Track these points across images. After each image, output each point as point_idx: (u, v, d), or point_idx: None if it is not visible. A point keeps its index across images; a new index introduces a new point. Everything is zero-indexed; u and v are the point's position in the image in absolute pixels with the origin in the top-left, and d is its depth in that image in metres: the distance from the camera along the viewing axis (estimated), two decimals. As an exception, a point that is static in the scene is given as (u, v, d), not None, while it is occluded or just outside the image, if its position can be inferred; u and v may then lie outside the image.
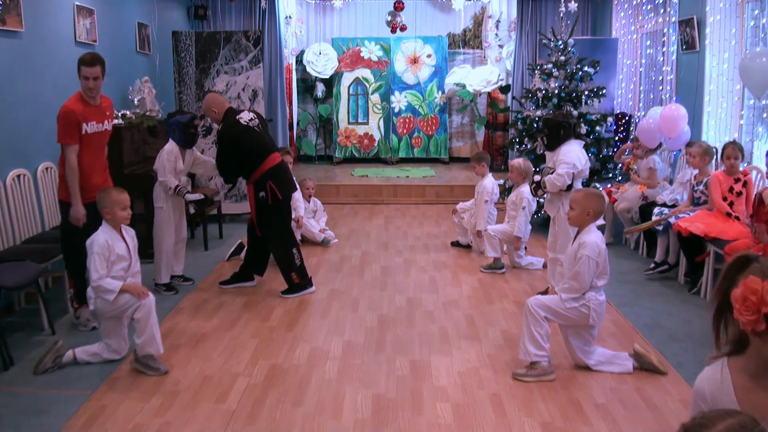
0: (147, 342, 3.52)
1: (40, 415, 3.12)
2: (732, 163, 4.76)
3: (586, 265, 3.36)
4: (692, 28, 6.16)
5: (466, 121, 10.79)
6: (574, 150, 4.37)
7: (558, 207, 4.46)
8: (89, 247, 3.55)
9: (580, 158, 4.38)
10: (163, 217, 4.95)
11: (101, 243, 3.53)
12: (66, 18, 5.65)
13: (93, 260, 3.51)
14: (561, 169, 4.32)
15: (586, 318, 3.43)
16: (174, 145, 4.90)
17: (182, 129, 4.87)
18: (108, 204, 3.59)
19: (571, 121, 4.41)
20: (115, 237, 3.61)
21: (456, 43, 10.80)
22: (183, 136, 4.89)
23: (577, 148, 4.40)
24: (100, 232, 3.60)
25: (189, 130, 4.90)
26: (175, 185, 4.86)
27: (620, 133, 7.74)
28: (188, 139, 4.94)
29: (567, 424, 3.04)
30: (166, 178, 4.85)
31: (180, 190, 4.90)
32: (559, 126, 4.40)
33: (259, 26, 9.28)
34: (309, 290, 4.89)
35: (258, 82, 7.18)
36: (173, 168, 4.88)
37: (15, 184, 4.64)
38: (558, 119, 4.42)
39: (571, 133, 4.42)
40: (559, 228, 4.49)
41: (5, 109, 4.73)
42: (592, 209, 3.47)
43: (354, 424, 3.06)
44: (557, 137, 4.43)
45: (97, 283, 3.49)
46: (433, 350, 3.90)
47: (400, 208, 8.27)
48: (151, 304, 3.54)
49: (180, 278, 5.15)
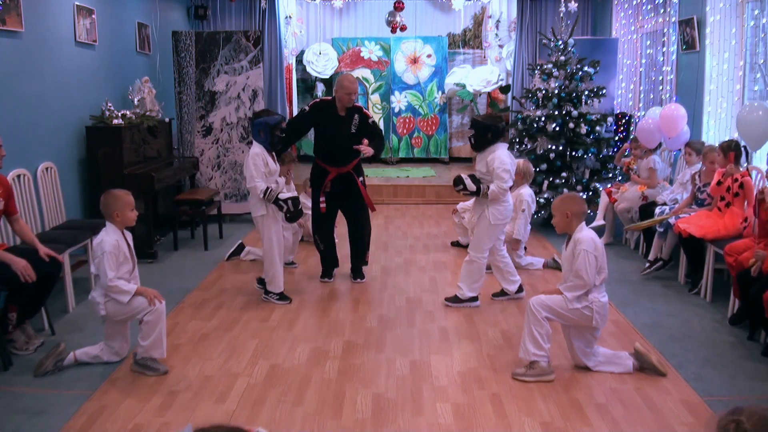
0: (153, 346, 3.50)
1: (40, 415, 3.11)
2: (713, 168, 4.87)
3: (585, 260, 3.37)
4: (692, 28, 6.16)
5: (466, 121, 10.79)
6: (502, 156, 4.43)
7: (483, 209, 4.52)
8: (98, 247, 3.49)
9: (512, 162, 4.50)
10: (268, 224, 4.65)
11: (113, 243, 3.48)
12: (66, 18, 5.65)
13: (105, 260, 3.43)
14: (501, 181, 4.39)
15: (589, 320, 3.43)
16: (260, 147, 4.59)
17: (269, 131, 4.57)
18: (119, 206, 3.55)
19: (500, 126, 4.47)
20: (121, 238, 3.58)
21: (456, 43, 10.80)
22: (269, 138, 4.59)
23: (503, 154, 4.47)
24: (107, 233, 3.54)
25: (275, 133, 4.61)
26: (265, 188, 4.53)
27: (620, 133, 7.74)
28: (274, 141, 4.65)
29: (567, 424, 3.04)
30: (255, 183, 4.51)
31: (270, 193, 4.54)
32: (486, 129, 4.46)
33: (259, 26, 9.28)
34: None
35: (258, 82, 7.18)
36: (263, 171, 4.55)
37: (15, 184, 4.63)
38: (487, 122, 4.48)
39: (498, 137, 4.48)
40: (476, 229, 4.59)
41: (5, 109, 4.73)
42: (569, 211, 3.48)
43: (354, 424, 3.06)
44: (484, 140, 4.49)
45: (113, 283, 3.42)
46: (433, 350, 3.90)
47: (400, 208, 8.26)
48: (162, 309, 3.52)
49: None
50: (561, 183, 6.61)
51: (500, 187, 4.38)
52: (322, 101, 5.11)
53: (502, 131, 4.47)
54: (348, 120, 4.96)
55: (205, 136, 7.20)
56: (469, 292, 4.63)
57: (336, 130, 4.97)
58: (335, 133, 4.97)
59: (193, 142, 7.20)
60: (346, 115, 4.97)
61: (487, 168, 4.43)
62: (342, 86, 4.91)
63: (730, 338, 4.06)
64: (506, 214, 4.54)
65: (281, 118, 4.69)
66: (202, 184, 7.25)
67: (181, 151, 7.21)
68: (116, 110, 5.95)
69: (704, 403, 3.23)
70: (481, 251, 4.56)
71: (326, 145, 5.05)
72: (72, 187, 5.71)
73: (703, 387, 3.41)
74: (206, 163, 7.23)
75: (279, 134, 4.66)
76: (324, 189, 5.04)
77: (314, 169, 5.19)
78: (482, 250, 4.56)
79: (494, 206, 4.46)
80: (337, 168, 5.01)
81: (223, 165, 7.27)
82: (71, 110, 5.71)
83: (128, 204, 3.58)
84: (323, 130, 5.03)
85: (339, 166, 5.01)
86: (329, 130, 4.99)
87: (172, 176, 6.39)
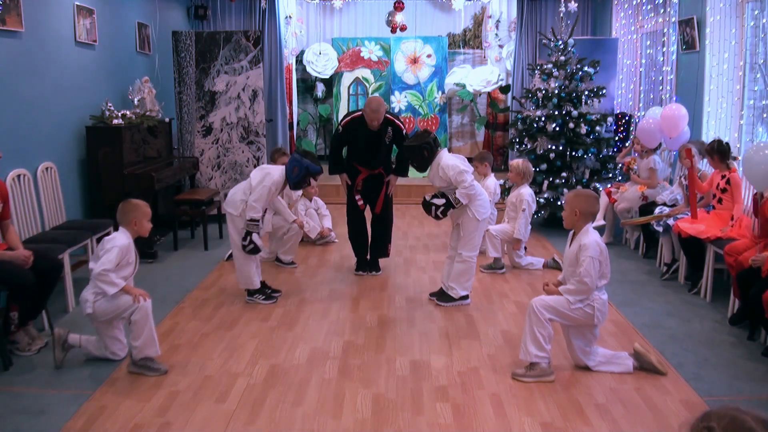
0: (145, 345, 3.51)
1: (40, 415, 3.11)
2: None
3: (591, 266, 3.36)
4: (692, 28, 6.16)
5: (466, 121, 10.79)
6: (448, 162, 4.45)
7: (465, 209, 4.53)
8: (110, 240, 3.55)
9: (461, 160, 4.51)
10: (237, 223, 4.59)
11: (124, 244, 3.55)
12: (66, 18, 5.65)
13: (112, 252, 3.48)
14: (464, 183, 4.41)
15: (591, 318, 3.43)
16: (283, 176, 4.59)
17: (304, 176, 4.57)
18: (138, 215, 3.63)
19: (430, 140, 4.50)
20: (132, 244, 3.64)
21: (456, 43, 10.79)
22: (299, 180, 4.60)
23: (447, 158, 4.49)
24: (122, 234, 3.60)
25: (307, 179, 4.63)
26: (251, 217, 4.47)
27: (620, 133, 7.74)
28: (300, 185, 4.68)
29: (567, 424, 3.04)
30: (255, 207, 4.46)
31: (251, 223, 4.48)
32: (420, 150, 4.50)
33: (259, 26, 9.27)
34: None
35: (258, 82, 7.18)
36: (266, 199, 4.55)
37: (15, 184, 4.64)
38: (416, 144, 4.51)
39: (434, 150, 4.51)
40: (463, 230, 4.60)
41: (5, 109, 4.73)
42: (578, 209, 3.46)
43: (354, 424, 3.06)
44: (424, 160, 4.54)
45: (107, 272, 3.44)
46: (433, 350, 3.90)
47: (400, 208, 8.26)
48: (148, 307, 3.53)
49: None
50: (561, 183, 6.61)
51: (465, 189, 4.43)
52: (352, 119, 5.16)
53: (434, 144, 4.53)
54: (382, 133, 5.12)
55: (205, 136, 7.20)
56: (461, 291, 4.64)
57: (370, 144, 5.16)
58: (369, 144, 5.16)
59: (193, 142, 7.20)
60: (381, 128, 5.09)
61: (443, 179, 4.49)
62: (365, 112, 4.99)
63: (730, 338, 4.06)
64: (487, 206, 4.62)
65: (320, 170, 4.69)
66: (202, 184, 7.25)
67: (181, 151, 7.21)
68: (116, 110, 5.96)
69: (704, 403, 3.23)
70: (474, 250, 4.60)
71: (361, 152, 5.22)
72: (72, 187, 5.71)
73: (703, 387, 3.40)
74: (206, 163, 7.23)
75: (308, 183, 4.74)
76: (356, 188, 5.30)
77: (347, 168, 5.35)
78: (475, 248, 4.60)
79: (474, 202, 4.51)
80: (369, 170, 5.24)
81: (223, 165, 7.27)
82: (71, 110, 5.71)
83: (147, 215, 3.68)
84: (358, 141, 5.19)
85: (371, 169, 5.24)
86: (363, 144, 5.17)
87: (172, 176, 6.39)
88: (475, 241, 4.59)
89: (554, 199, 6.57)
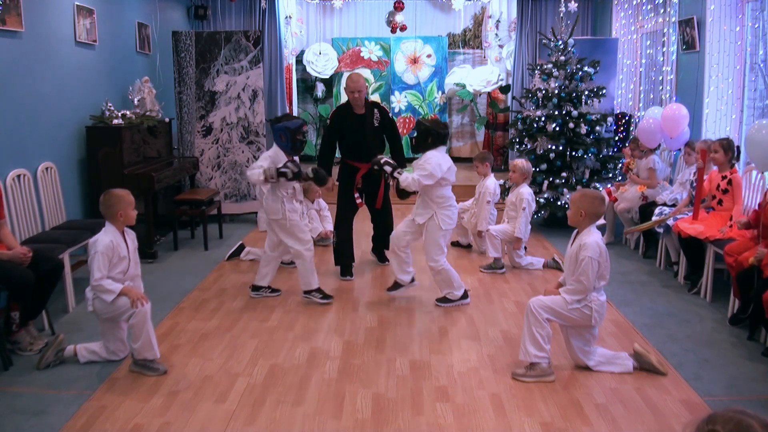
0: (144, 347, 3.51)
1: (40, 415, 3.11)
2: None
3: (589, 266, 3.37)
4: (692, 28, 6.16)
5: (466, 121, 10.79)
6: (435, 158, 4.46)
7: (431, 214, 4.55)
8: (92, 245, 3.53)
9: (441, 165, 4.45)
10: (288, 225, 4.62)
11: (106, 243, 3.52)
12: (66, 18, 5.65)
13: (96, 259, 3.48)
14: (422, 173, 4.42)
15: (588, 319, 3.43)
16: (278, 150, 4.61)
17: (290, 135, 4.59)
18: (123, 205, 3.60)
19: (442, 132, 4.52)
20: (119, 239, 3.61)
21: (456, 43, 10.80)
22: (291, 142, 4.61)
23: (438, 156, 4.48)
24: (105, 233, 3.58)
25: (297, 137, 4.62)
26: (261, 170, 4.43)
27: (620, 133, 7.74)
28: (296, 145, 4.66)
29: (567, 424, 3.04)
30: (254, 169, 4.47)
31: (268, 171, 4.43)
32: (427, 132, 4.52)
33: (259, 26, 9.27)
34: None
35: (258, 82, 7.18)
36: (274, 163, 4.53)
37: (15, 184, 4.64)
38: (429, 126, 4.53)
39: (438, 142, 4.52)
40: (426, 237, 4.60)
41: (5, 109, 4.73)
42: (584, 210, 3.46)
43: (354, 424, 3.06)
44: (425, 142, 4.55)
45: (99, 282, 3.48)
46: (433, 350, 3.90)
47: (400, 208, 8.25)
48: (146, 311, 3.52)
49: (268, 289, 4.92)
50: (561, 183, 6.61)
51: (417, 178, 4.40)
52: (338, 107, 5.36)
53: (443, 138, 4.54)
54: (369, 116, 5.18)
55: (205, 136, 7.19)
56: (457, 291, 4.64)
57: (359, 129, 5.18)
58: (359, 131, 5.18)
59: (193, 142, 7.20)
60: (366, 112, 5.18)
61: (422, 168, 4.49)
62: (346, 86, 5.15)
63: (730, 338, 4.06)
64: (454, 218, 4.62)
65: (302, 122, 4.67)
66: (202, 184, 7.25)
67: (181, 151, 7.21)
68: (116, 110, 5.96)
69: (704, 403, 3.23)
70: (439, 254, 4.57)
71: (353, 144, 5.24)
72: (72, 187, 5.71)
73: (703, 387, 3.40)
74: (206, 163, 7.23)
75: (301, 138, 4.65)
76: (356, 185, 5.29)
77: (343, 168, 5.34)
78: (439, 252, 4.57)
79: (442, 211, 4.51)
80: (367, 164, 5.08)
81: (223, 165, 7.27)
82: (71, 110, 5.71)
83: (131, 203, 3.65)
84: (347, 131, 5.22)
85: (368, 162, 5.04)
86: (353, 130, 5.20)
87: (172, 176, 6.39)
88: (438, 249, 4.55)
89: (554, 199, 6.57)
